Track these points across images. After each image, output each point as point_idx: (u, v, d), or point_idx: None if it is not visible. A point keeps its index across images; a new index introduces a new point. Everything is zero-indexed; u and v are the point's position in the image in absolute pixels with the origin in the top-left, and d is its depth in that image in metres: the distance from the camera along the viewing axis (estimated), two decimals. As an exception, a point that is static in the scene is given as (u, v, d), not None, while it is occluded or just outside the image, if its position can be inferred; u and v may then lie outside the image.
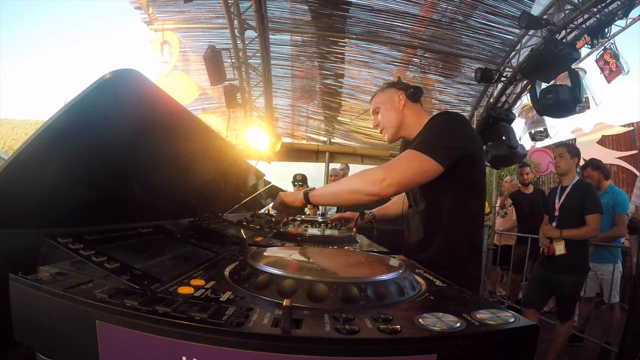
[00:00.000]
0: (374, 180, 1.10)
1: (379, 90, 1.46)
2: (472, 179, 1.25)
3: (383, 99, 1.41)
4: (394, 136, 1.41)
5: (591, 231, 2.55)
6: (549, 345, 2.74)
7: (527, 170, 4.39)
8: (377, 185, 1.10)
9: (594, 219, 2.54)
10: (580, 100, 3.53)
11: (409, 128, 1.37)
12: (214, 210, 1.44)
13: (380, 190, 1.10)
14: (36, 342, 0.52)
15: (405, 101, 1.37)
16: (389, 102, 1.39)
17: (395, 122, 1.38)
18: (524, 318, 0.48)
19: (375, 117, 1.44)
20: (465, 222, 1.25)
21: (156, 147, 0.80)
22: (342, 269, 0.76)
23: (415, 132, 1.33)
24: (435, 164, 1.12)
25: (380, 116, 1.41)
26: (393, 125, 1.39)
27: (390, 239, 1.87)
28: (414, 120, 1.36)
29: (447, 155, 1.14)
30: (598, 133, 6.65)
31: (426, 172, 1.13)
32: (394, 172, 1.12)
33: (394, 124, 1.38)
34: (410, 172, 1.12)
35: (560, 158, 2.74)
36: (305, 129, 7.22)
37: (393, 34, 4.96)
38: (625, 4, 3.34)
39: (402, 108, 1.37)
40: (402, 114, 1.37)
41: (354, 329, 0.43)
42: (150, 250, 0.79)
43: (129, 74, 0.54)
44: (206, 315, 0.44)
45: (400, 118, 1.37)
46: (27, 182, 0.56)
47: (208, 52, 4.33)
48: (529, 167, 4.50)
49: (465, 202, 1.24)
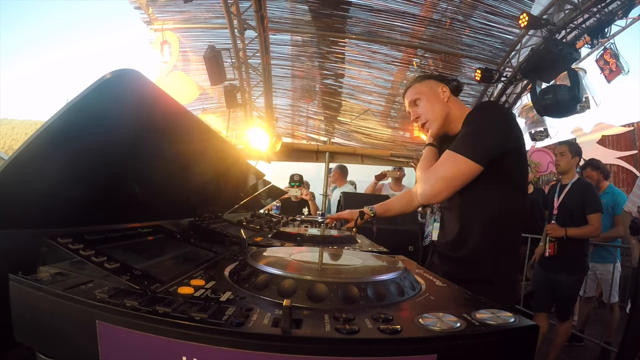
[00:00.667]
0: (421, 188, 1.17)
1: (414, 81, 1.36)
2: (511, 175, 1.17)
3: (423, 90, 1.30)
4: (439, 130, 1.29)
5: (594, 230, 2.55)
6: (549, 345, 2.74)
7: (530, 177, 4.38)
8: (422, 196, 1.16)
9: (596, 218, 2.55)
10: (580, 99, 3.53)
11: (455, 123, 1.27)
12: (214, 210, 1.44)
13: (427, 200, 1.18)
14: (36, 342, 0.52)
15: (449, 94, 1.29)
16: (431, 93, 1.29)
17: (441, 115, 1.27)
18: (524, 318, 0.48)
19: (414, 110, 1.32)
20: (501, 219, 1.18)
21: (156, 147, 0.80)
22: (342, 269, 0.76)
23: (458, 127, 1.24)
24: (472, 165, 1.09)
25: (422, 108, 1.29)
26: (439, 118, 1.27)
27: (390, 239, 1.87)
28: (460, 115, 1.26)
29: (484, 154, 1.09)
30: (598, 133, 6.65)
31: (463, 174, 1.10)
32: (436, 184, 1.13)
33: (439, 116, 1.27)
34: (452, 181, 1.12)
35: (562, 156, 2.73)
36: (305, 129, 7.22)
37: (393, 34, 4.96)
38: (625, 4, 3.34)
39: (446, 100, 1.28)
40: (448, 106, 1.28)
41: (354, 329, 0.43)
42: (150, 250, 0.79)
43: (129, 74, 0.54)
44: (206, 315, 0.44)
45: (446, 111, 1.28)
46: (27, 182, 0.56)
47: (208, 52, 4.33)
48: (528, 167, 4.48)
49: (502, 199, 1.17)
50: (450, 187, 1.13)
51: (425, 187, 1.15)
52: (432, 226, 3.31)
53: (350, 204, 2.97)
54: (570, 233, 2.56)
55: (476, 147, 1.10)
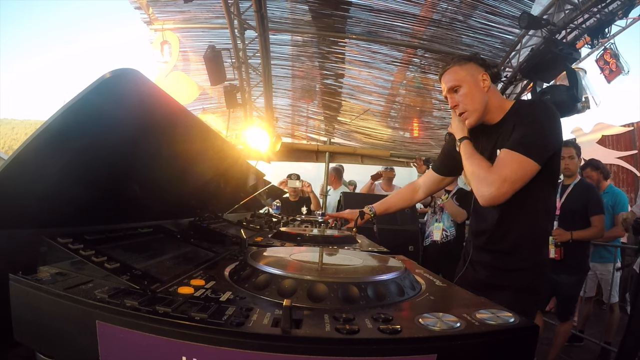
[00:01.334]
0: (484, 194, 1.14)
1: (453, 64, 1.30)
2: (550, 172, 1.20)
3: (464, 76, 1.26)
4: (478, 120, 1.27)
5: (598, 232, 2.58)
6: (549, 345, 2.74)
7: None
8: (485, 202, 1.13)
9: (600, 219, 2.57)
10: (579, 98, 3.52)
11: (493, 113, 1.26)
12: (214, 210, 1.44)
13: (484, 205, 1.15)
14: (36, 342, 0.52)
15: (490, 82, 1.26)
16: (472, 81, 1.25)
17: (482, 105, 1.25)
18: (524, 318, 0.48)
19: (452, 97, 1.29)
20: (540, 213, 1.22)
21: (156, 147, 0.80)
22: (342, 269, 0.76)
23: (497, 117, 1.25)
24: (535, 165, 1.10)
25: (462, 97, 1.26)
26: (479, 109, 1.25)
27: (390, 239, 1.87)
28: (498, 104, 1.26)
29: (545, 155, 1.12)
30: (598, 133, 6.64)
31: (528, 176, 1.11)
32: (502, 187, 1.11)
33: (480, 107, 1.25)
34: (517, 183, 1.11)
35: (571, 160, 2.72)
36: (305, 129, 7.22)
37: (393, 34, 4.96)
38: (625, 4, 3.34)
39: (487, 89, 1.25)
40: (487, 96, 1.25)
41: (354, 329, 0.43)
42: (150, 250, 0.79)
43: (129, 74, 0.54)
44: (206, 315, 0.44)
45: (486, 100, 1.25)
46: (27, 182, 0.56)
47: (208, 52, 4.33)
48: None
49: (541, 194, 1.21)
50: (515, 189, 1.12)
51: (492, 190, 1.12)
52: (434, 226, 3.30)
53: (350, 204, 2.98)
54: (576, 236, 2.56)
55: (540, 148, 1.12)
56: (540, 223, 1.24)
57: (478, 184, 1.16)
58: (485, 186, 1.14)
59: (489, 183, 1.13)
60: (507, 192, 1.11)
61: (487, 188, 1.13)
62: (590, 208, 2.58)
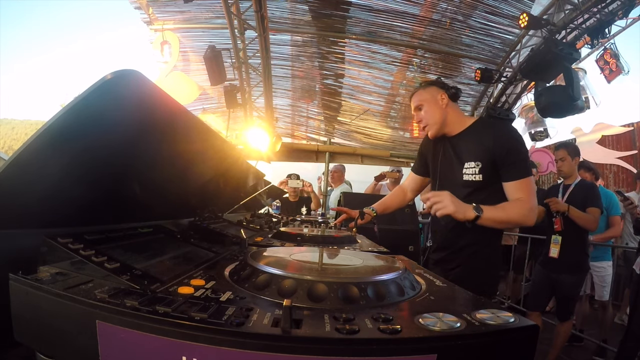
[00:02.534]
0: (531, 216, 1.28)
1: (419, 87, 1.55)
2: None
3: (426, 97, 1.49)
4: (437, 132, 1.49)
5: (594, 221, 2.62)
6: (549, 345, 2.74)
7: (533, 172, 4.39)
8: (533, 220, 1.28)
9: (596, 212, 2.63)
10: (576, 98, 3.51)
11: (451, 126, 1.47)
12: (214, 210, 1.44)
13: (532, 223, 1.30)
14: (36, 342, 0.52)
15: (447, 100, 1.47)
16: (432, 100, 1.48)
17: (440, 120, 1.47)
18: (524, 318, 0.48)
19: (418, 114, 1.52)
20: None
21: (156, 147, 0.80)
22: (342, 269, 0.76)
23: (456, 129, 1.46)
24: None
25: (424, 113, 1.49)
26: (438, 122, 1.47)
27: (390, 239, 1.87)
28: (456, 118, 1.47)
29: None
30: (598, 133, 6.65)
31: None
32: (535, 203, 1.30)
33: (438, 120, 1.47)
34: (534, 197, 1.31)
35: (562, 162, 2.79)
36: (305, 129, 7.22)
37: (393, 34, 4.96)
38: (625, 4, 3.34)
39: (445, 106, 1.47)
40: (446, 112, 1.47)
41: (354, 329, 0.43)
42: (150, 250, 0.79)
43: (130, 75, 0.54)
44: (206, 315, 0.44)
45: (444, 116, 1.47)
46: (27, 182, 0.56)
47: (208, 52, 4.32)
48: (535, 168, 4.48)
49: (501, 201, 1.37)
50: None
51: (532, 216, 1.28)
52: None
53: (350, 204, 2.97)
54: (572, 212, 2.59)
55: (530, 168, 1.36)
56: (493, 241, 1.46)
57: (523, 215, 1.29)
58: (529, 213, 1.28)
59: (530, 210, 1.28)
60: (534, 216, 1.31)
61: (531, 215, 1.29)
62: (588, 201, 2.64)
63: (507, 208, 1.30)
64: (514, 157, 1.31)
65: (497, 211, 1.28)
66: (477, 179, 1.37)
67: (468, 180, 1.39)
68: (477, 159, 1.37)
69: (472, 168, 1.38)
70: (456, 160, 1.44)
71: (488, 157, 1.34)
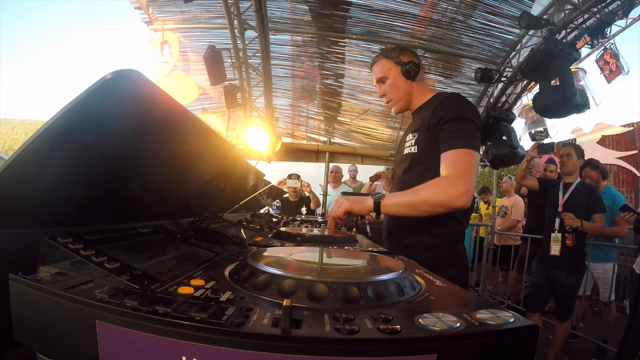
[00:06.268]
0: (456, 193, 1.04)
1: (379, 55, 1.37)
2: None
3: (390, 68, 1.33)
4: (402, 108, 1.37)
5: (601, 228, 2.69)
6: (549, 345, 2.74)
7: (552, 168, 4.38)
8: (462, 199, 1.04)
9: (602, 217, 2.68)
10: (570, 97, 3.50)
11: (415, 102, 1.35)
12: (214, 210, 1.44)
13: (463, 204, 1.05)
14: (36, 342, 0.52)
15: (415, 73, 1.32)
16: (397, 73, 1.32)
17: (405, 95, 1.34)
18: (524, 318, 0.48)
19: (381, 87, 1.37)
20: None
21: (156, 147, 0.80)
22: (342, 269, 0.76)
23: (416, 105, 1.33)
24: (479, 156, 1.14)
25: (388, 87, 1.35)
26: (402, 98, 1.34)
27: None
28: (420, 94, 1.34)
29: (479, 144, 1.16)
30: (598, 133, 6.65)
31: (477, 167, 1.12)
32: (468, 180, 1.05)
33: (403, 96, 1.34)
34: (475, 175, 1.10)
35: (568, 158, 2.80)
36: (305, 129, 7.22)
37: (393, 34, 4.96)
38: (625, 4, 3.33)
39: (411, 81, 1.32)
40: (412, 86, 1.33)
41: (354, 329, 0.43)
42: (150, 250, 0.79)
43: (130, 75, 0.54)
44: (206, 315, 0.44)
45: (410, 90, 1.33)
46: (27, 182, 0.56)
47: (208, 52, 4.32)
48: (555, 165, 4.45)
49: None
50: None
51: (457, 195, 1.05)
52: None
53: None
54: (586, 226, 2.61)
55: (478, 139, 1.16)
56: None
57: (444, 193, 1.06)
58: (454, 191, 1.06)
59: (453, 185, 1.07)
60: (465, 190, 1.06)
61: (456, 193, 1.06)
62: (592, 206, 2.66)
63: (420, 189, 1.08)
64: (450, 126, 1.13)
65: (405, 195, 1.09)
66: (413, 150, 1.25)
67: (406, 153, 1.27)
68: (414, 130, 1.26)
69: (410, 140, 1.27)
70: (404, 136, 1.34)
71: (424, 127, 1.21)
